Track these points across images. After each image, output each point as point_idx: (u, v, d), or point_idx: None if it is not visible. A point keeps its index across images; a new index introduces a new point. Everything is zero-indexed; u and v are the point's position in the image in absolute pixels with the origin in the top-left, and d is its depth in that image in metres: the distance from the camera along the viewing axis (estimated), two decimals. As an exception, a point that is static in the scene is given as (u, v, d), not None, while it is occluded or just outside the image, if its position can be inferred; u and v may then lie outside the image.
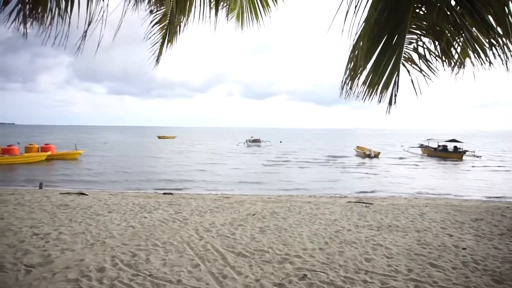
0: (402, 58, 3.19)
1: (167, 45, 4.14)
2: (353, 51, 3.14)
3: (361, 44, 3.01)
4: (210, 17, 4.18)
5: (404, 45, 3.13)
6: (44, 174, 21.34)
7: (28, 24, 3.24)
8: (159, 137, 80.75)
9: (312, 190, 16.77)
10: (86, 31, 2.48)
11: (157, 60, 4.21)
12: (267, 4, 4.18)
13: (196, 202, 10.39)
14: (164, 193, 13.42)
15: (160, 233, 6.83)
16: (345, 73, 3.31)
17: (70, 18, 2.44)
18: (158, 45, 4.15)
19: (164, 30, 4.09)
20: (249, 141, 54.69)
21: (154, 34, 4.07)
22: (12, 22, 3.23)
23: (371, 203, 10.94)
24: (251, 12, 4.25)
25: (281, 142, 66.20)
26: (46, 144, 30.35)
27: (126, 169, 24.89)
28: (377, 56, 3.07)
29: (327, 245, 6.26)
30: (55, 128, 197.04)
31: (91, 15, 2.39)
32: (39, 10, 3.17)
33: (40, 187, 14.70)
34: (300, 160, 32.67)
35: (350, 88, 3.29)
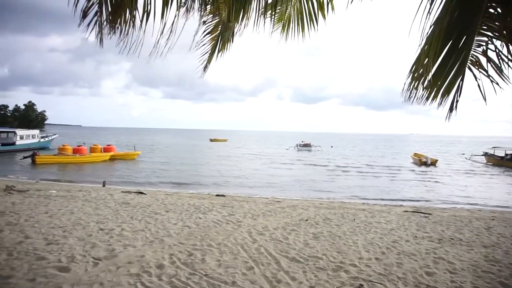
0: (469, 61, 3.00)
1: (217, 54, 4.23)
2: (420, 53, 3.01)
3: (429, 47, 2.89)
4: (264, 24, 4.22)
5: (472, 47, 2.95)
6: (107, 173, 22.80)
7: (105, 34, 3.50)
8: (211, 140, 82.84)
9: (365, 197, 16.27)
10: (166, 41, 2.62)
11: (205, 69, 4.33)
12: (316, 18, 4.09)
13: (248, 205, 10.52)
14: (217, 195, 13.73)
15: (214, 234, 7.00)
16: (408, 76, 3.18)
17: (145, 28, 2.60)
18: (208, 55, 4.26)
19: (214, 41, 4.19)
20: (300, 146, 54.27)
21: (204, 44, 4.20)
22: (90, 33, 3.50)
23: (430, 213, 10.37)
24: (298, 24, 4.20)
25: (332, 147, 65.01)
26: (108, 145, 32.43)
27: (181, 170, 25.86)
28: (442, 58, 2.92)
29: (384, 255, 6.02)
30: (115, 130, 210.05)
31: (164, 26, 2.53)
32: (116, 22, 3.41)
33: (104, 185, 15.74)
34: (352, 166, 31.84)
35: (415, 91, 3.16)
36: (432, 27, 2.77)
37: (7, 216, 7.89)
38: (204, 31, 4.12)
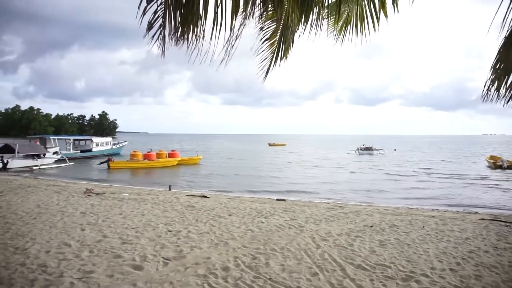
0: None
1: (280, 59, 4.23)
2: (504, 47, 2.77)
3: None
4: (328, 26, 4.16)
5: None
6: (172, 177, 23.93)
7: (168, 45, 3.69)
8: (270, 145, 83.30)
9: (434, 203, 15.26)
10: (231, 49, 2.71)
11: (266, 75, 4.35)
12: (377, 18, 3.91)
13: (310, 210, 10.40)
14: (277, 199, 13.76)
15: (277, 239, 7.02)
16: (490, 73, 2.94)
17: (211, 38, 2.70)
18: (267, 61, 4.28)
19: (273, 46, 4.20)
20: (361, 149, 52.45)
21: (263, 50, 4.22)
22: (154, 44, 3.72)
23: (512, 222, 9.43)
24: (356, 26, 4.05)
25: (395, 150, 62.01)
26: (172, 151, 34.07)
27: (241, 175, 26.35)
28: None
29: (460, 266, 5.59)
30: (178, 136, 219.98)
31: (235, 35, 2.61)
32: (181, 33, 3.59)
33: (169, 189, 16.53)
34: (418, 170, 30.05)
35: (496, 89, 2.91)
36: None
37: (87, 217, 8.63)
38: (262, 38, 4.15)
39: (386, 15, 3.78)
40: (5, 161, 24.71)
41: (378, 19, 3.79)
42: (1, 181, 15.71)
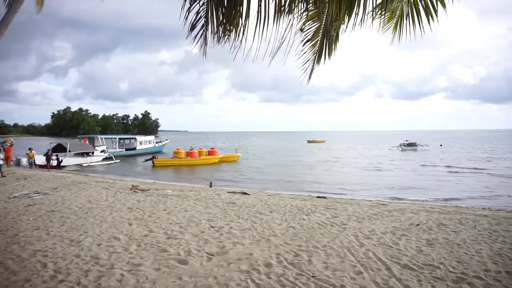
0: None
1: (324, 58, 4.12)
2: None
3: None
4: (370, 23, 4.01)
5: None
6: (212, 174, 24.37)
7: (210, 45, 3.74)
8: (309, 142, 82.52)
9: (485, 202, 14.41)
10: (277, 48, 2.71)
11: (310, 76, 4.26)
12: (435, 10, 3.68)
13: (352, 208, 10.19)
14: (317, 197, 13.60)
15: (319, 236, 6.94)
16: None
17: (260, 37, 2.71)
18: (310, 62, 4.18)
19: (315, 47, 4.10)
20: (404, 145, 50.55)
21: (305, 52, 4.14)
22: (196, 44, 3.78)
23: None
24: (413, 20, 3.85)
25: (441, 145, 59.24)
26: (211, 148, 34.70)
27: (280, 172, 26.33)
28: None
29: (517, 269, 5.25)
30: (216, 134, 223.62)
31: (279, 33, 2.60)
32: (222, 33, 3.63)
33: (210, 186, 16.84)
34: (466, 167, 28.49)
35: None
36: None
37: (134, 212, 9.01)
38: (303, 39, 4.08)
39: (444, 6, 3.58)
40: (60, 160, 26.34)
41: (436, 10, 3.59)
42: (56, 177, 16.77)
